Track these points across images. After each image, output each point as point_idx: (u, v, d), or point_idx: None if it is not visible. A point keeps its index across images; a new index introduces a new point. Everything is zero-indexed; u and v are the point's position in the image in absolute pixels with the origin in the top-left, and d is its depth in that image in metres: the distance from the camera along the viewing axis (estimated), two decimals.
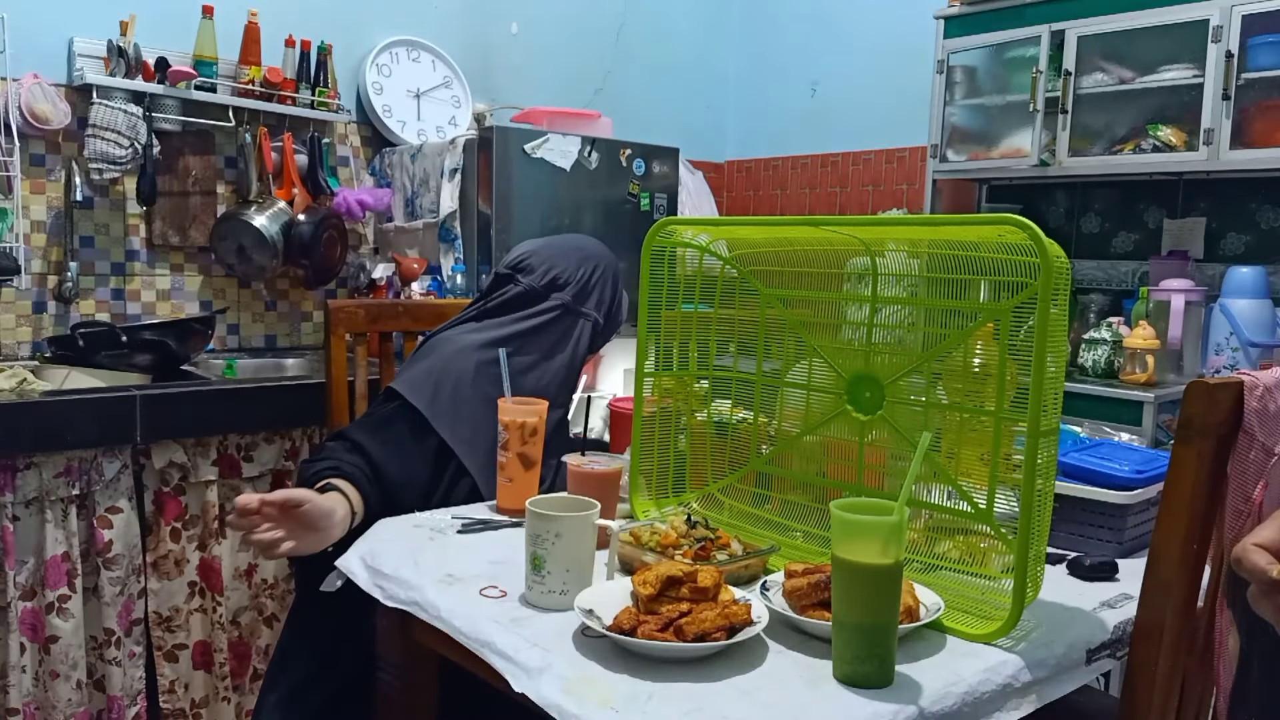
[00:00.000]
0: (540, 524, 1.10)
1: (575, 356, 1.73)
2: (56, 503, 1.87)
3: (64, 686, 1.89)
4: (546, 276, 1.72)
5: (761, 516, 1.37)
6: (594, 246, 1.82)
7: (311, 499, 1.28)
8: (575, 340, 1.73)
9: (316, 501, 1.29)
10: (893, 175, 3.58)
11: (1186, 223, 2.92)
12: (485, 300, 1.75)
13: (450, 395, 1.58)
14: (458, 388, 1.59)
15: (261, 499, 1.24)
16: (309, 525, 1.28)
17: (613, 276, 1.80)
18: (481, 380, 1.60)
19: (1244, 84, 2.49)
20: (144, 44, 2.49)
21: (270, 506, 1.25)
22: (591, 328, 1.76)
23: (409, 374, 1.61)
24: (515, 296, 1.71)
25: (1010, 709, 0.98)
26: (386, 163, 2.97)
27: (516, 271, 1.74)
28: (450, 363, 1.62)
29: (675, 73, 3.89)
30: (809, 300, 1.33)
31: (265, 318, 2.90)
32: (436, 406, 1.56)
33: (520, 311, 1.70)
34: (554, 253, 1.76)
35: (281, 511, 1.26)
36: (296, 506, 1.26)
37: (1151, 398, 2.44)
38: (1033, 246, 0.99)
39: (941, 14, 3.06)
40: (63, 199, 2.49)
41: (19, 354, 2.44)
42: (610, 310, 1.80)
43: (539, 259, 1.75)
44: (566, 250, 1.77)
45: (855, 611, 0.92)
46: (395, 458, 1.50)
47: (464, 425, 1.57)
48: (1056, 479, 1.11)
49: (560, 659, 0.97)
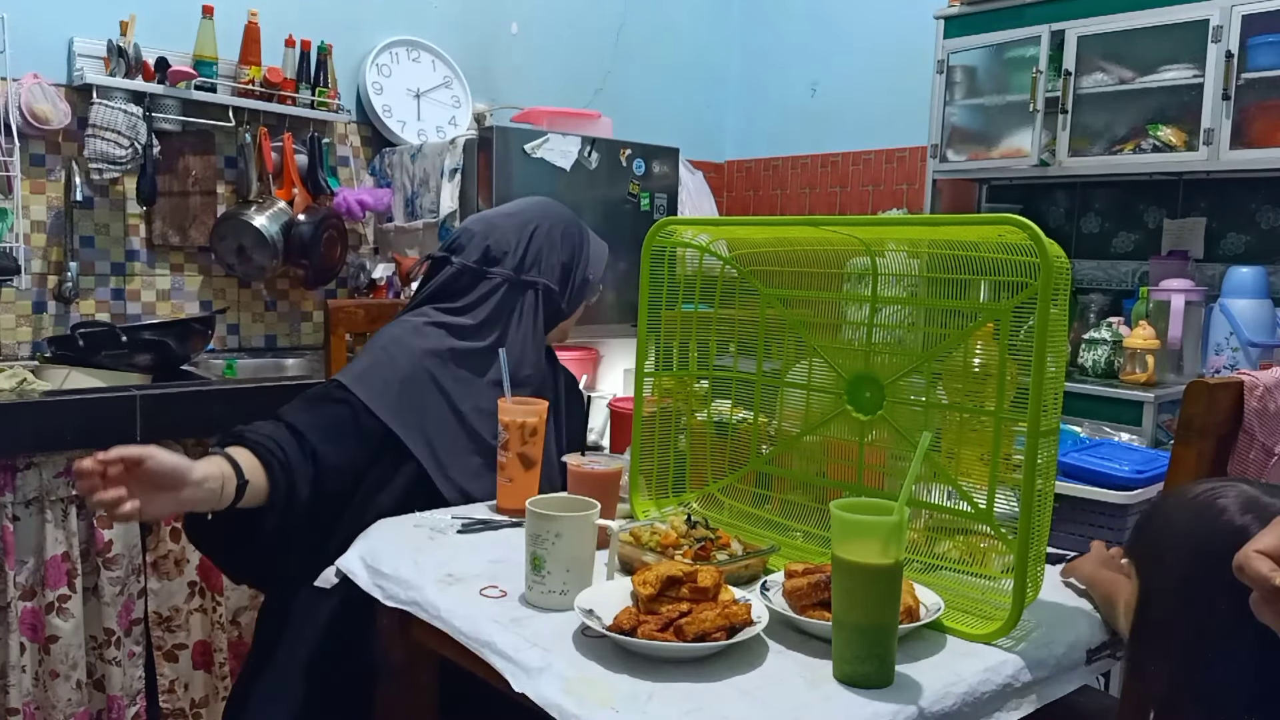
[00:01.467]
0: (540, 524, 1.10)
1: (535, 329, 1.64)
2: (56, 503, 1.87)
3: (64, 686, 1.89)
4: (479, 251, 1.63)
5: (761, 516, 1.37)
6: (534, 208, 1.71)
7: (153, 455, 1.17)
8: (525, 312, 1.63)
9: (159, 458, 1.18)
10: (893, 175, 3.58)
11: (1186, 223, 2.92)
12: (422, 288, 1.66)
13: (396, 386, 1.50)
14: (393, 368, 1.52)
15: (97, 458, 1.14)
16: (156, 484, 1.18)
17: (563, 235, 1.68)
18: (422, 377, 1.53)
19: (1244, 84, 2.49)
20: (144, 44, 2.49)
21: (111, 464, 1.15)
22: (543, 294, 1.65)
23: (347, 367, 1.55)
24: (451, 279, 1.62)
25: (1010, 709, 0.98)
26: (386, 163, 2.97)
27: (451, 252, 1.65)
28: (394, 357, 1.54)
29: (675, 73, 3.89)
30: (809, 300, 1.33)
31: (265, 318, 2.90)
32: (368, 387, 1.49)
33: (463, 297, 1.61)
34: (486, 225, 1.66)
35: (126, 470, 1.16)
36: (137, 464, 1.16)
37: (1151, 398, 2.44)
38: (1033, 246, 0.99)
39: (941, 14, 3.06)
40: (63, 199, 2.49)
41: (19, 354, 2.44)
42: (567, 271, 1.68)
43: (469, 234, 1.66)
44: (501, 219, 1.67)
45: (855, 611, 0.92)
46: (328, 435, 1.42)
47: (410, 414, 1.50)
48: (1056, 479, 1.11)
49: (560, 659, 0.97)
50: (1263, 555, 0.68)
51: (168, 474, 1.19)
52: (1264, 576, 0.67)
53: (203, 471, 1.24)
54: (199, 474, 1.23)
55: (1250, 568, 0.68)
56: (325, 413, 1.46)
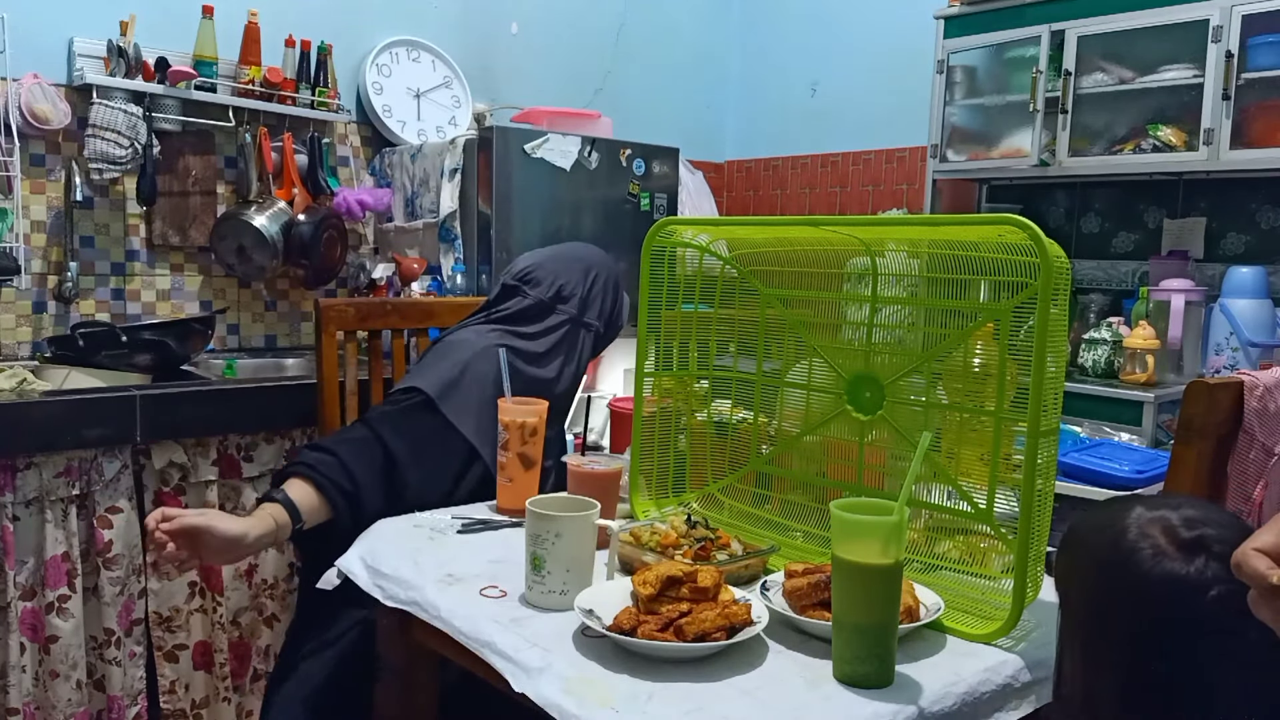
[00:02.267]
0: (540, 524, 1.11)
1: (580, 366, 1.79)
2: (56, 503, 1.87)
3: (64, 686, 1.89)
4: (553, 289, 1.78)
5: (761, 516, 1.37)
6: (595, 256, 1.87)
7: (213, 527, 1.28)
8: (580, 350, 1.79)
9: (218, 530, 1.28)
10: (893, 175, 3.58)
11: (1186, 223, 2.92)
12: (493, 309, 1.79)
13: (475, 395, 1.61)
14: (482, 388, 1.62)
15: (163, 528, 1.24)
16: (215, 547, 1.29)
17: (613, 284, 1.85)
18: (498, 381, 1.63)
19: (1244, 84, 2.49)
20: (144, 44, 2.49)
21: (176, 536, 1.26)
22: (594, 337, 1.82)
23: (432, 373, 1.64)
24: (526, 309, 1.76)
25: (1010, 709, 0.98)
26: (386, 163, 2.97)
27: (524, 283, 1.79)
28: (471, 363, 1.65)
29: (675, 73, 3.89)
30: (809, 300, 1.33)
31: (265, 318, 2.90)
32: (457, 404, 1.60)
33: (533, 325, 1.75)
34: (559, 266, 1.82)
35: (184, 535, 1.27)
36: (196, 536, 1.27)
37: (1151, 398, 2.44)
38: (1033, 246, 0.99)
39: (941, 14, 3.06)
40: (63, 199, 2.49)
41: (19, 354, 2.44)
42: (611, 318, 1.85)
43: (545, 271, 1.80)
44: (570, 262, 1.83)
45: (855, 611, 0.92)
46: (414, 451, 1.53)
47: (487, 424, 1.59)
48: (1056, 479, 1.11)
49: (560, 659, 0.97)
50: (1260, 553, 0.68)
51: (226, 542, 1.29)
52: (1261, 574, 0.67)
53: (257, 534, 1.33)
54: (253, 538, 1.32)
55: (1248, 565, 0.68)
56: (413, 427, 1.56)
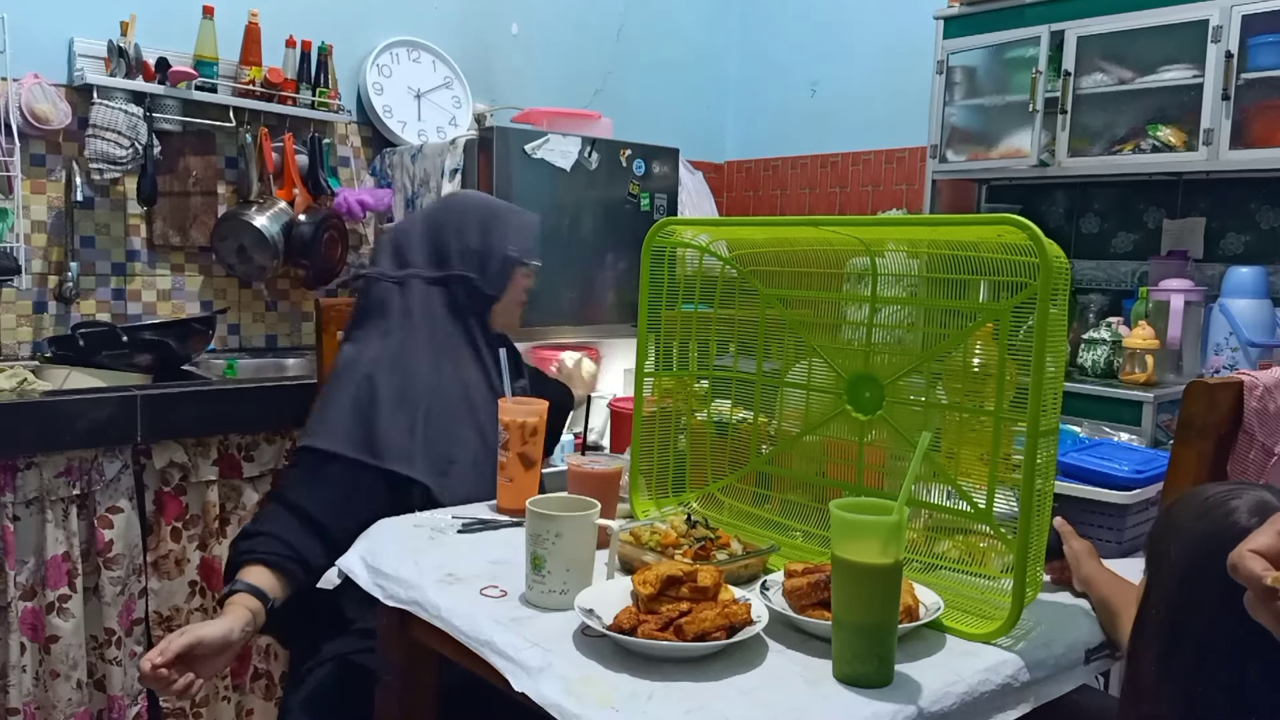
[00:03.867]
0: (540, 524, 1.11)
1: (468, 324, 1.63)
2: (57, 503, 1.87)
3: (64, 686, 1.89)
4: (394, 257, 1.62)
5: (761, 516, 1.37)
6: (439, 203, 1.69)
7: (201, 639, 1.28)
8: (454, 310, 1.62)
9: (206, 639, 1.29)
10: (892, 175, 3.58)
11: (1186, 223, 2.92)
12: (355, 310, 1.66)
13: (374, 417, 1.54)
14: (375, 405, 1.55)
15: (154, 664, 1.24)
16: (207, 655, 1.29)
17: (470, 219, 1.63)
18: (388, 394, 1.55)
19: (1244, 84, 2.49)
20: (144, 44, 2.49)
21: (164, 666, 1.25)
22: (465, 286, 1.61)
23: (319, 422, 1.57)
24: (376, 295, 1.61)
25: (1010, 709, 0.98)
26: (387, 163, 2.98)
27: (371, 265, 1.65)
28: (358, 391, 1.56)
29: (675, 73, 3.89)
30: (809, 300, 1.33)
31: (266, 318, 2.90)
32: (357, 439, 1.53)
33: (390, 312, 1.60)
34: (394, 231, 1.66)
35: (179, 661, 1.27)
36: (190, 651, 1.27)
37: (1151, 398, 2.44)
38: (1032, 246, 0.99)
39: (941, 14, 3.06)
40: (63, 199, 2.49)
41: (19, 354, 2.44)
42: (482, 255, 1.62)
43: (380, 246, 1.65)
44: (406, 223, 1.67)
45: (855, 611, 0.93)
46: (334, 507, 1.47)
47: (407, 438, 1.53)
48: (1056, 479, 1.11)
49: (560, 658, 0.97)
50: (1256, 555, 0.68)
51: (216, 646, 1.30)
52: (1257, 576, 0.67)
53: (240, 625, 1.34)
54: (239, 633, 1.33)
55: (1244, 567, 0.68)
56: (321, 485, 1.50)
